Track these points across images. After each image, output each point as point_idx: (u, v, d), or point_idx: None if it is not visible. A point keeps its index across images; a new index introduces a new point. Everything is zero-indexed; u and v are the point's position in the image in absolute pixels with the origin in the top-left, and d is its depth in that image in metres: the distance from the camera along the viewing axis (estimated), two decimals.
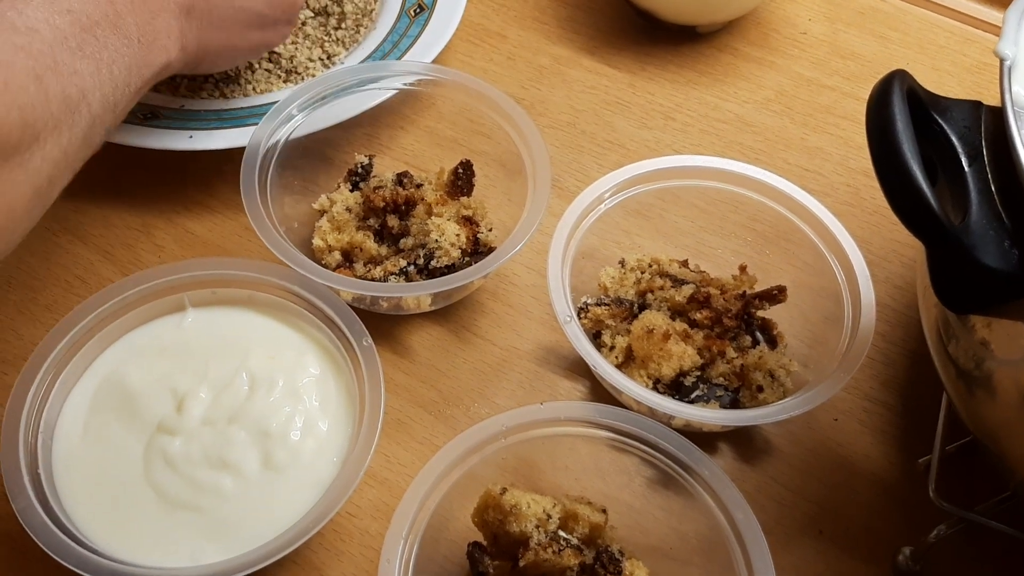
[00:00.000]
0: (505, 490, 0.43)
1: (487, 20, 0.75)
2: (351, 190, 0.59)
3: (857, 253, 0.53)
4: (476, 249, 0.57)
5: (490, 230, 0.57)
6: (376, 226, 0.57)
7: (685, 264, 0.57)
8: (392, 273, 0.54)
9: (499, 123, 0.59)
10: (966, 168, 0.39)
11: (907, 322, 0.57)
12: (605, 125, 0.68)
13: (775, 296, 0.54)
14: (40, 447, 0.46)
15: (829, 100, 0.70)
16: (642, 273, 0.56)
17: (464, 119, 0.62)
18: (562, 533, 0.44)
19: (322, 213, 0.58)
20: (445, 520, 0.44)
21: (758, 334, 0.54)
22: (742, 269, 0.56)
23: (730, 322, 0.53)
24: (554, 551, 0.42)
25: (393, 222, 0.56)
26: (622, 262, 0.57)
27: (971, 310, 0.40)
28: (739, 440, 0.53)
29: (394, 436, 0.52)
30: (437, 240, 0.54)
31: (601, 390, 0.54)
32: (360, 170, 0.60)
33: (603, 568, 0.42)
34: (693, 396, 0.51)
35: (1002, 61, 0.39)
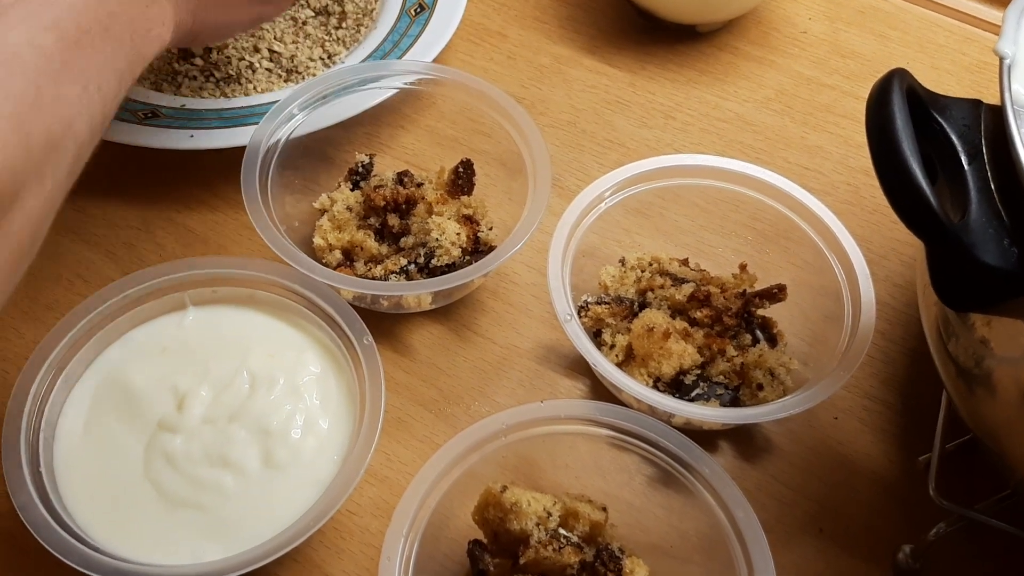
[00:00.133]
0: (505, 488, 0.43)
1: (487, 19, 0.75)
2: (352, 189, 0.59)
3: (857, 251, 0.53)
4: (476, 248, 0.57)
5: (490, 229, 0.57)
6: (377, 225, 0.57)
7: (685, 263, 0.57)
8: (393, 272, 0.55)
9: (499, 122, 0.59)
10: (965, 166, 0.39)
11: (907, 320, 0.58)
12: (605, 124, 0.68)
13: (775, 294, 0.54)
14: (41, 445, 0.46)
15: (829, 99, 0.70)
16: (642, 272, 0.56)
17: (465, 118, 0.62)
18: (562, 531, 0.44)
19: (323, 212, 0.58)
20: (445, 518, 0.44)
21: (758, 332, 0.54)
22: (742, 268, 0.56)
23: (730, 320, 0.53)
24: (554, 549, 0.42)
25: (394, 221, 0.56)
26: (622, 261, 0.57)
27: (970, 308, 0.40)
28: (739, 438, 0.53)
29: (394, 434, 0.52)
30: (438, 239, 0.54)
31: (601, 388, 0.54)
32: (361, 169, 0.60)
33: (603, 566, 0.43)
34: (693, 394, 0.51)
35: (1001, 60, 0.39)
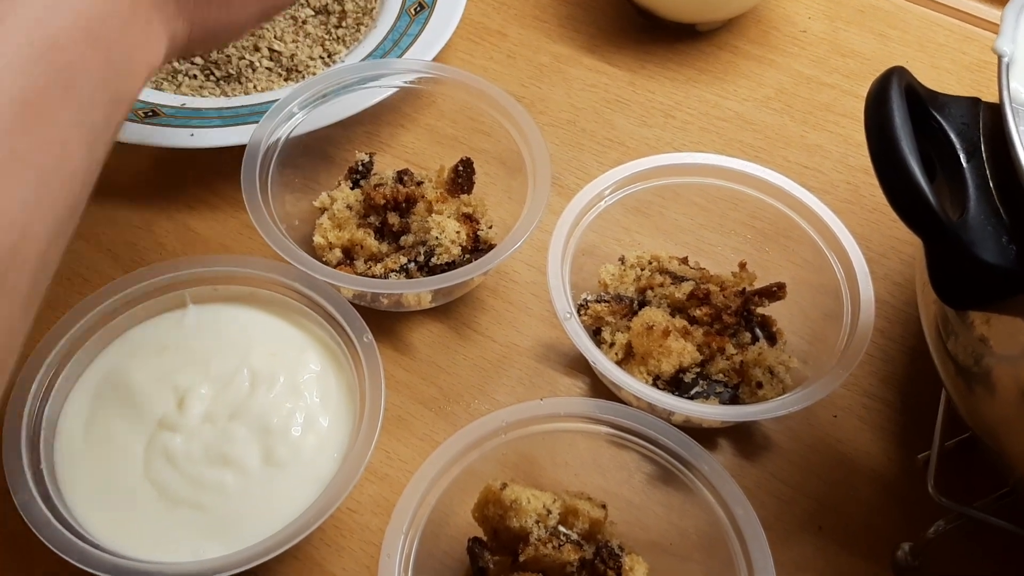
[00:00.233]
0: (505, 485, 0.44)
1: (487, 18, 0.75)
2: (352, 188, 0.59)
3: (856, 250, 0.53)
4: (476, 246, 0.57)
5: (490, 227, 0.57)
6: (377, 223, 0.57)
7: (685, 261, 0.58)
8: (393, 270, 0.55)
9: (499, 121, 0.59)
10: (964, 164, 0.39)
11: (906, 319, 0.58)
12: (605, 123, 0.68)
13: (774, 293, 0.54)
14: (42, 443, 0.46)
15: (829, 98, 0.70)
16: (642, 270, 0.56)
17: (464, 117, 0.62)
18: (562, 528, 0.44)
19: (323, 210, 0.59)
20: (445, 515, 0.45)
21: (757, 331, 0.55)
22: (742, 266, 0.56)
23: (730, 319, 0.53)
24: (554, 546, 0.42)
25: (394, 219, 0.57)
26: (622, 259, 0.57)
27: (969, 306, 0.40)
28: (739, 436, 0.53)
29: (395, 432, 0.52)
30: (437, 237, 0.54)
31: (601, 386, 0.54)
32: (361, 168, 0.60)
33: (603, 563, 0.43)
34: (693, 392, 0.51)
35: (1000, 58, 0.40)
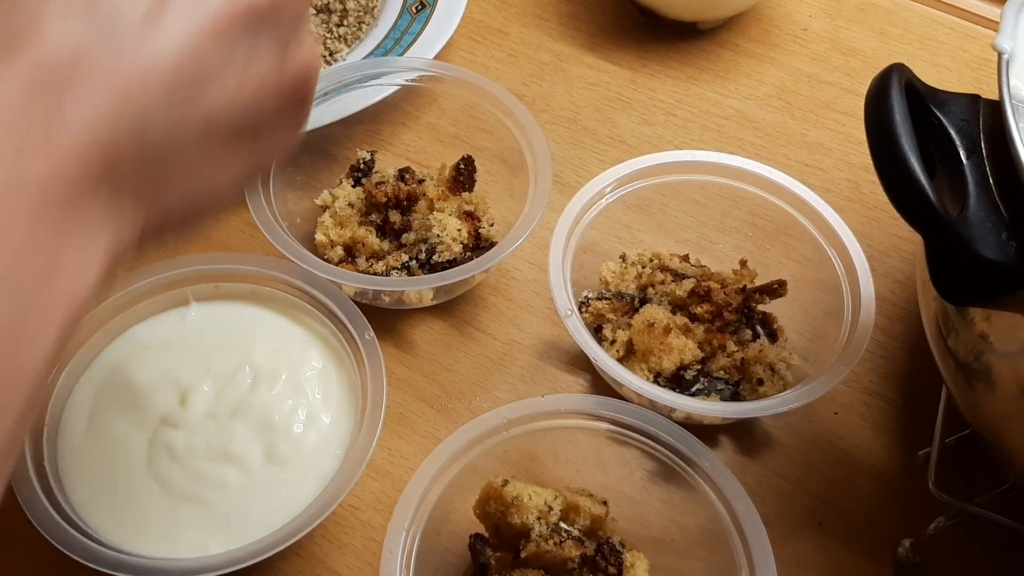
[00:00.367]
0: (506, 482, 0.44)
1: (488, 17, 0.75)
2: (353, 186, 0.59)
3: (857, 247, 0.53)
4: (477, 244, 0.57)
5: (491, 225, 0.58)
6: (378, 221, 0.57)
7: (686, 259, 0.58)
8: (394, 268, 0.55)
9: (500, 119, 0.59)
10: (964, 161, 0.39)
11: (907, 316, 0.58)
12: (606, 121, 0.68)
13: (775, 290, 0.54)
14: (45, 440, 0.46)
15: (830, 96, 0.70)
16: (643, 268, 0.56)
17: (466, 115, 0.62)
18: (563, 525, 0.44)
19: (324, 208, 0.59)
20: (447, 512, 0.45)
21: (758, 328, 0.55)
22: (743, 263, 0.56)
23: (730, 316, 0.53)
24: (555, 543, 0.43)
25: (395, 217, 0.57)
26: (623, 257, 0.57)
27: (969, 302, 0.40)
28: (739, 433, 0.53)
29: (396, 429, 0.53)
30: (439, 235, 0.55)
31: (602, 384, 0.54)
32: (362, 166, 0.60)
33: (604, 560, 0.43)
34: (694, 389, 0.51)
35: (1000, 55, 0.40)
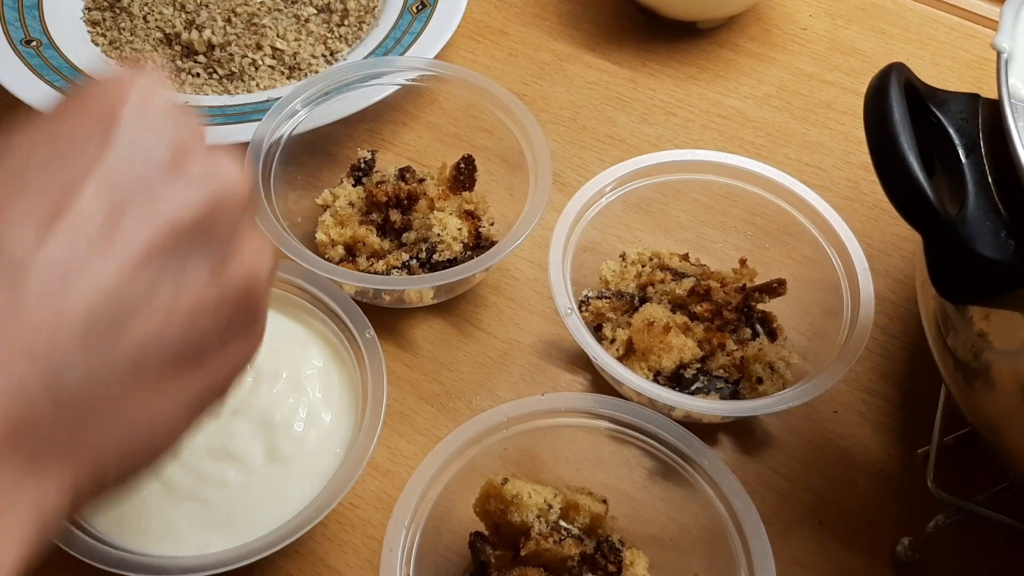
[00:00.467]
0: (506, 480, 0.44)
1: (489, 17, 0.75)
2: (354, 185, 0.60)
3: (856, 247, 0.53)
4: (478, 243, 0.57)
5: (492, 224, 0.58)
6: (379, 221, 0.57)
7: (686, 258, 0.58)
8: (395, 267, 0.55)
9: (501, 118, 0.59)
10: (963, 160, 0.39)
11: (906, 315, 0.58)
12: (606, 121, 0.68)
13: (775, 289, 0.54)
14: None
15: (830, 95, 0.71)
16: (643, 267, 0.57)
17: (466, 115, 0.62)
18: (563, 523, 0.45)
19: (325, 208, 0.59)
20: (447, 510, 0.45)
21: (758, 327, 0.55)
22: (742, 262, 0.56)
23: (730, 315, 0.53)
24: (555, 541, 0.43)
25: (395, 217, 0.57)
26: (623, 256, 0.58)
27: (968, 300, 0.40)
28: (739, 432, 0.53)
29: (397, 428, 0.53)
30: (439, 234, 0.55)
31: (602, 383, 0.54)
32: (363, 165, 0.60)
33: (604, 558, 0.43)
34: (693, 388, 0.51)
35: (999, 54, 0.40)
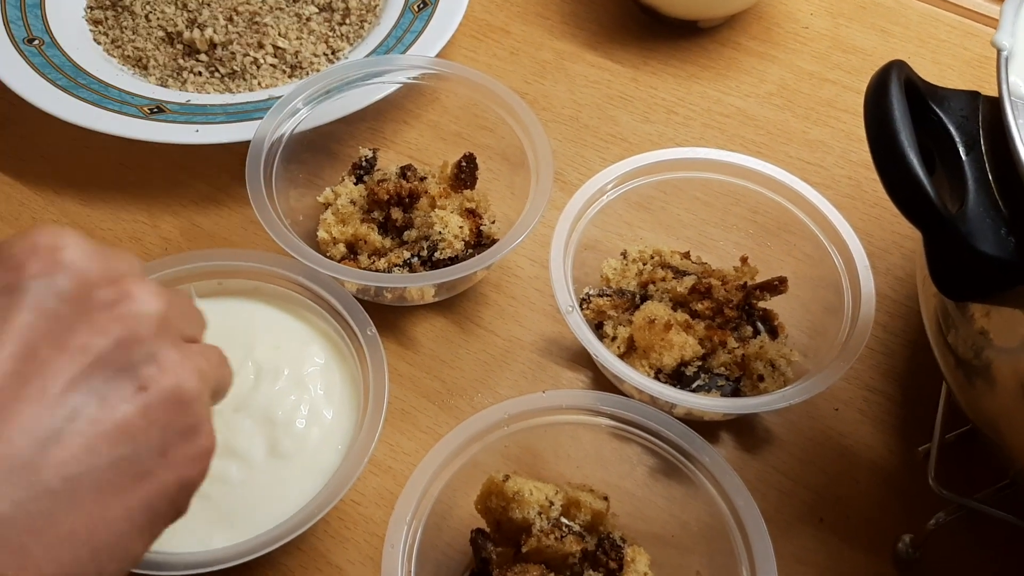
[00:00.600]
0: (508, 477, 0.44)
1: (490, 15, 0.76)
2: (355, 183, 0.60)
3: (857, 244, 0.53)
4: (479, 241, 0.57)
5: (493, 222, 0.58)
6: (380, 219, 0.58)
7: (687, 256, 0.58)
8: (396, 265, 0.55)
9: (502, 117, 0.59)
10: (963, 157, 0.39)
11: (907, 313, 0.58)
12: (608, 119, 0.69)
13: (776, 287, 0.54)
14: None
15: (831, 94, 0.71)
16: (644, 264, 0.57)
17: (467, 113, 0.62)
18: (564, 520, 0.45)
19: (327, 206, 0.59)
20: (448, 507, 0.45)
21: (759, 324, 0.55)
22: (743, 260, 0.56)
23: (731, 312, 0.53)
24: (556, 538, 0.43)
25: (397, 215, 0.57)
26: (624, 254, 0.58)
27: (968, 298, 0.40)
28: (740, 429, 0.53)
29: (398, 426, 0.53)
30: (440, 232, 0.55)
31: (603, 380, 0.54)
32: (364, 163, 0.60)
33: (605, 555, 0.43)
34: (695, 386, 0.51)
35: (999, 52, 0.40)
